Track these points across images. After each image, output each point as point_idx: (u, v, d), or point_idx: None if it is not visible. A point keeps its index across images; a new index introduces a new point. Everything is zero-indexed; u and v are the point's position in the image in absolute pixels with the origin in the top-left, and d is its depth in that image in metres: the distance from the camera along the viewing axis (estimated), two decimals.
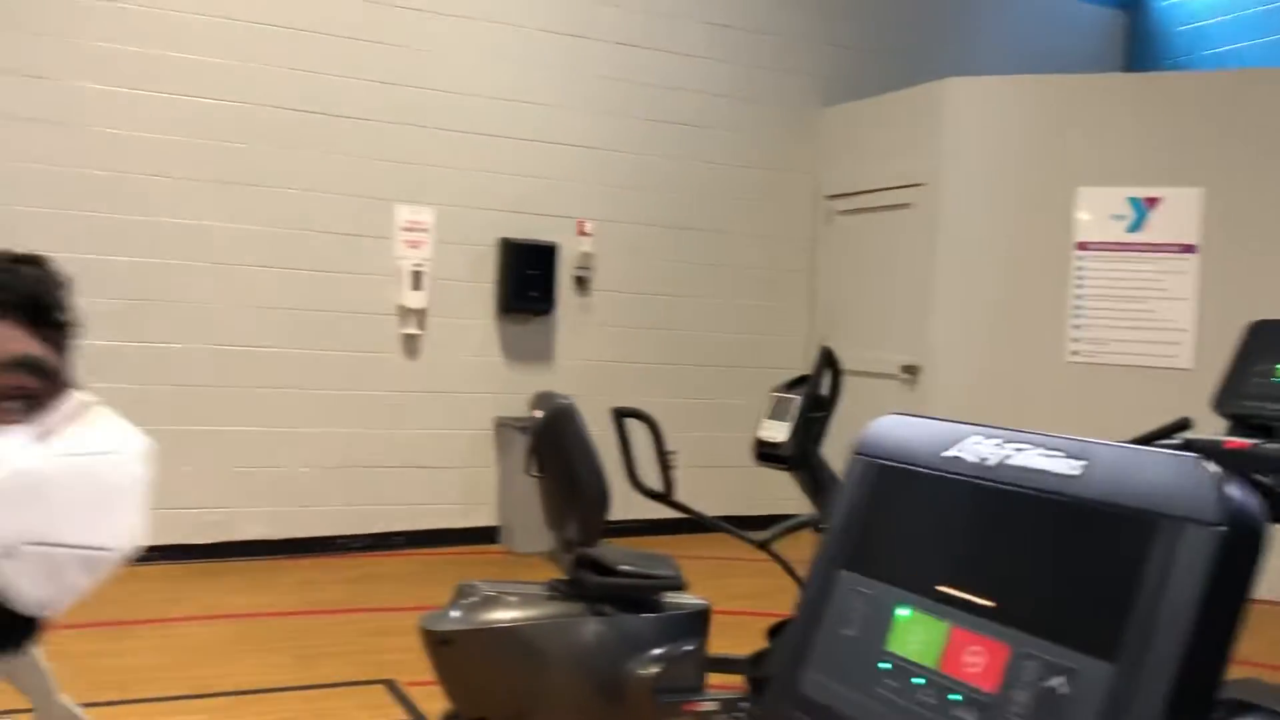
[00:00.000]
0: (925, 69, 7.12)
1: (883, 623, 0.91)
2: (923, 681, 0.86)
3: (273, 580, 5.59)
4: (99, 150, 5.63)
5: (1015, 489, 0.86)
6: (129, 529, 0.76)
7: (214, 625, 4.80)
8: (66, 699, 2.73)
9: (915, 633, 0.88)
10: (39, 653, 2.65)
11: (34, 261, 0.80)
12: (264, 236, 6.01)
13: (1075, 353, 6.43)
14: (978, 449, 0.91)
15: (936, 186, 6.65)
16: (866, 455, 1.04)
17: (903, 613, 0.90)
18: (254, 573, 5.71)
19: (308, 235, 6.12)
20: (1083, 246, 6.43)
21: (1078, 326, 6.43)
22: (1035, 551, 0.83)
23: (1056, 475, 0.84)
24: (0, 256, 0.77)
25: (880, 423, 1.06)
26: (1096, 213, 6.39)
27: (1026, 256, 6.53)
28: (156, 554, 5.73)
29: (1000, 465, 0.89)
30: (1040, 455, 0.86)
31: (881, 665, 0.90)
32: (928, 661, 0.87)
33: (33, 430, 0.73)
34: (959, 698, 0.83)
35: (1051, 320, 6.46)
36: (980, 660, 0.83)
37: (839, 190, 7.40)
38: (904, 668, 0.88)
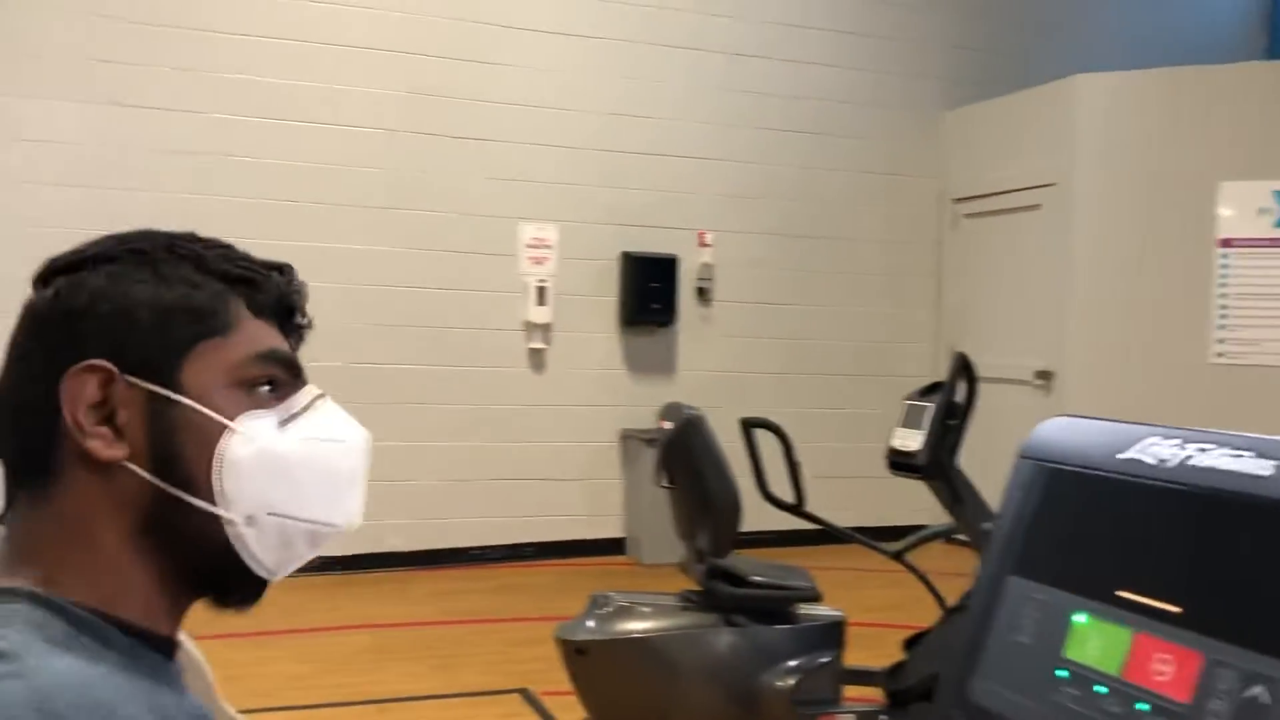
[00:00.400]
0: (1050, 67, 6.93)
1: (1059, 629, 0.89)
2: (1105, 690, 0.84)
3: (410, 591, 5.73)
4: (241, 179, 5.87)
5: (1201, 491, 0.83)
6: (350, 509, 0.86)
7: (355, 635, 4.94)
8: (226, 703, 2.84)
9: (1095, 640, 0.86)
10: (202, 656, 2.77)
11: (281, 269, 0.89)
12: (395, 257, 6.18)
13: (1220, 354, 6.16)
14: (1157, 450, 0.89)
15: (1067, 186, 6.46)
16: (1034, 459, 1.01)
17: (1080, 619, 0.88)
18: (392, 583, 5.86)
19: (437, 255, 6.27)
20: (1226, 243, 6.16)
21: (1223, 326, 6.16)
22: (1226, 555, 0.80)
23: (1246, 476, 0.81)
24: (255, 263, 0.86)
25: (1048, 425, 1.03)
26: (1241, 208, 6.12)
27: (1164, 255, 6.29)
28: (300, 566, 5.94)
29: (1182, 466, 0.86)
30: (1227, 456, 0.83)
31: (1059, 673, 0.88)
32: (1110, 669, 0.84)
33: (278, 415, 0.82)
34: (1147, 707, 0.80)
35: (1193, 321, 6.20)
36: (1169, 668, 0.80)
37: (965, 193, 7.25)
38: (1084, 675, 0.86)
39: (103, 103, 5.66)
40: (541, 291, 6.45)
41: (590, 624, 3.43)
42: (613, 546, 6.60)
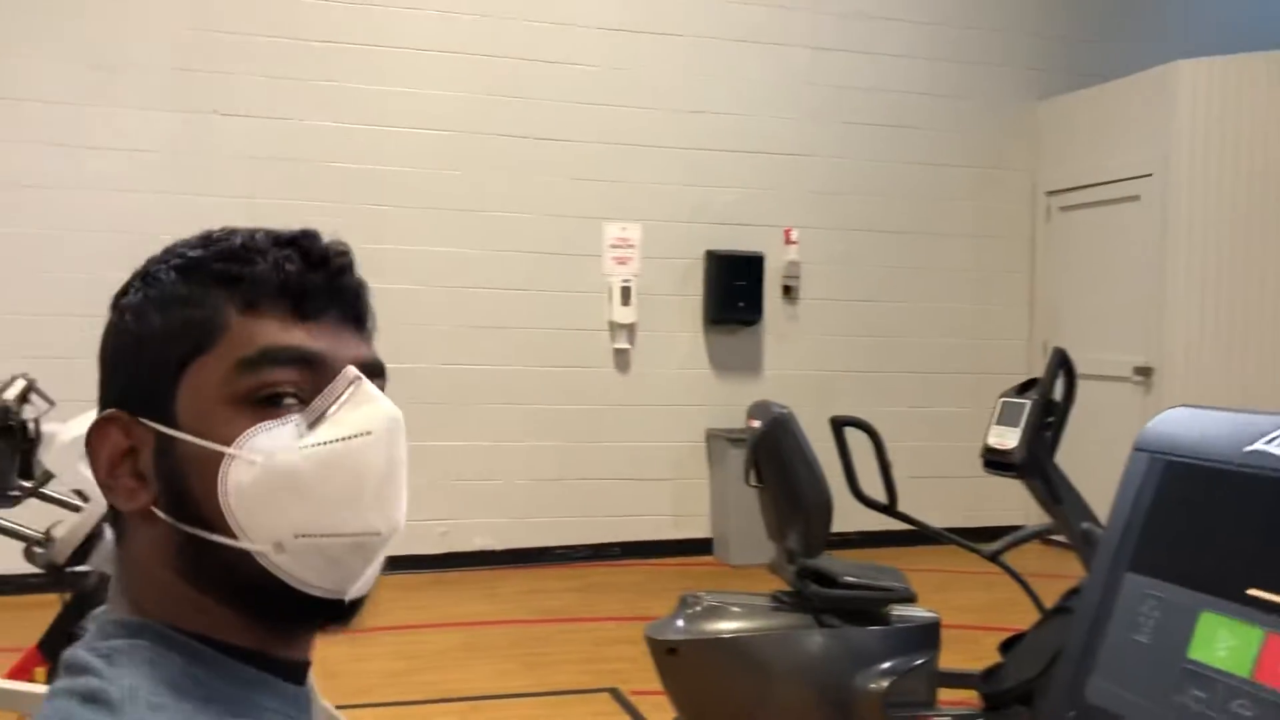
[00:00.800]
0: (1146, 55, 6.72)
1: (1182, 629, 0.85)
2: (1235, 692, 0.80)
3: (499, 589, 5.78)
4: (329, 184, 5.98)
5: None
6: (388, 510, 0.75)
7: (447, 633, 4.99)
8: (324, 702, 2.88)
9: (1223, 640, 0.82)
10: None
11: (294, 240, 0.79)
12: (480, 259, 6.25)
13: None
14: None
15: (1166, 176, 6.26)
16: (1151, 451, 0.97)
17: (1207, 618, 0.84)
18: (481, 582, 5.92)
19: (521, 256, 6.32)
20: None
21: None
22: None
23: None
24: (251, 246, 0.76)
25: (1165, 416, 0.99)
26: None
27: (1268, 245, 6.06)
28: (392, 563, 6.02)
29: None
30: None
31: (1183, 674, 0.84)
32: (1240, 670, 0.80)
33: (298, 422, 0.72)
34: None
35: None
36: None
37: (1059, 185, 7.07)
38: (1210, 677, 0.82)
39: (197, 111, 5.81)
40: (626, 291, 6.46)
41: (680, 623, 3.41)
42: (699, 547, 6.57)
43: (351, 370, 0.75)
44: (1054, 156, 7.13)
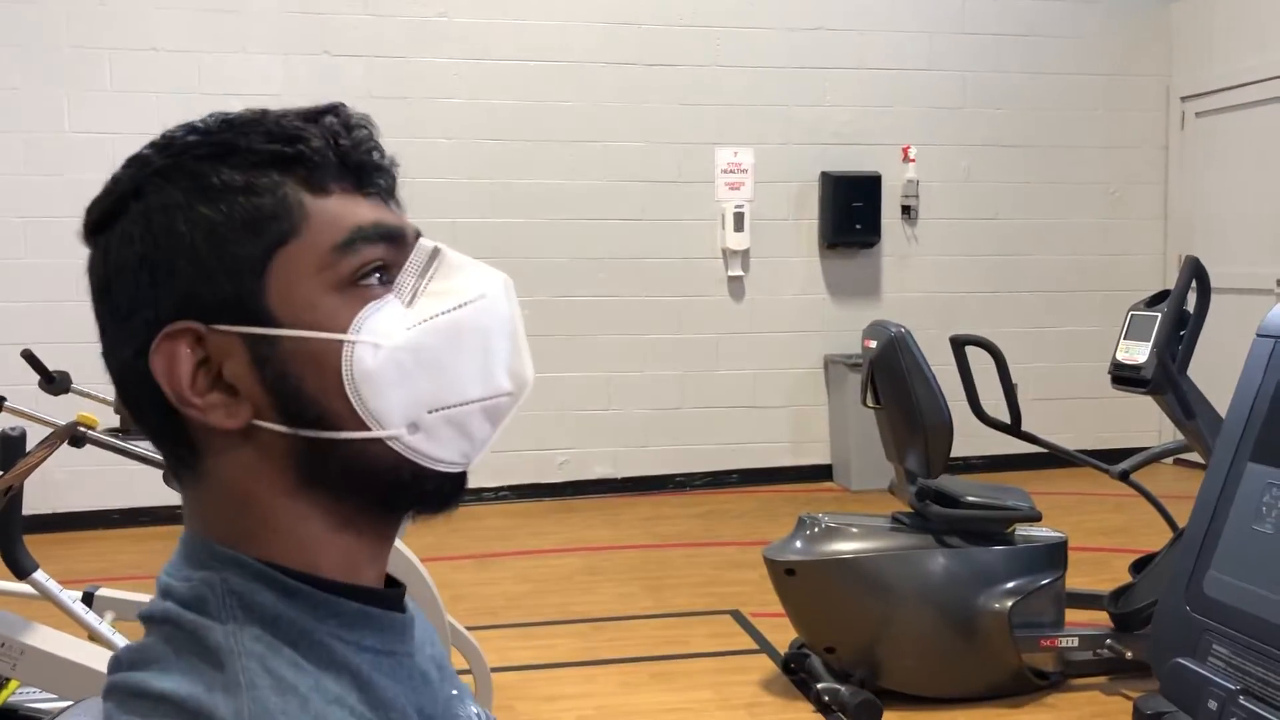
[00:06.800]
0: None
1: None
2: None
3: (620, 516, 5.86)
4: (444, 119, 6.04)
5: None
6: (516, 368, 0.73)
7: (571, 557, 5.10)
8: (450, 617, 2.99)
9: None
10: (428, 576, 2.91)
11: (334, 111, 0.74)
12: (591, 190, 6.25)
13: None
14: None
15: None
16: (1275, 336, 0.92)
17: None
18: (603, 509, 6.01)
19: (634, 185, 6.30)
20: None
21: None
22: None
23: None
24: (300, 127, 0.72)
25: None
26: None
27: None
28: (515, 493, 6.19)
29: None
30: None
31: None
32: None
33: (400, 298, 0.70)
34: None
35: None
36: None
37: (1195, 90, 6.69)
38: None
39: (309, 53, 5.91)
40: (739, 217, 6.39)
41: (798, 544, 3.41)
42: (819, 473, 6.55)
43: (428, 242, 0.73)
44: (1188, 59, 6.74)
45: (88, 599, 2.70)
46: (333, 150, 0.72)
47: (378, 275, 0.70)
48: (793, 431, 6.57)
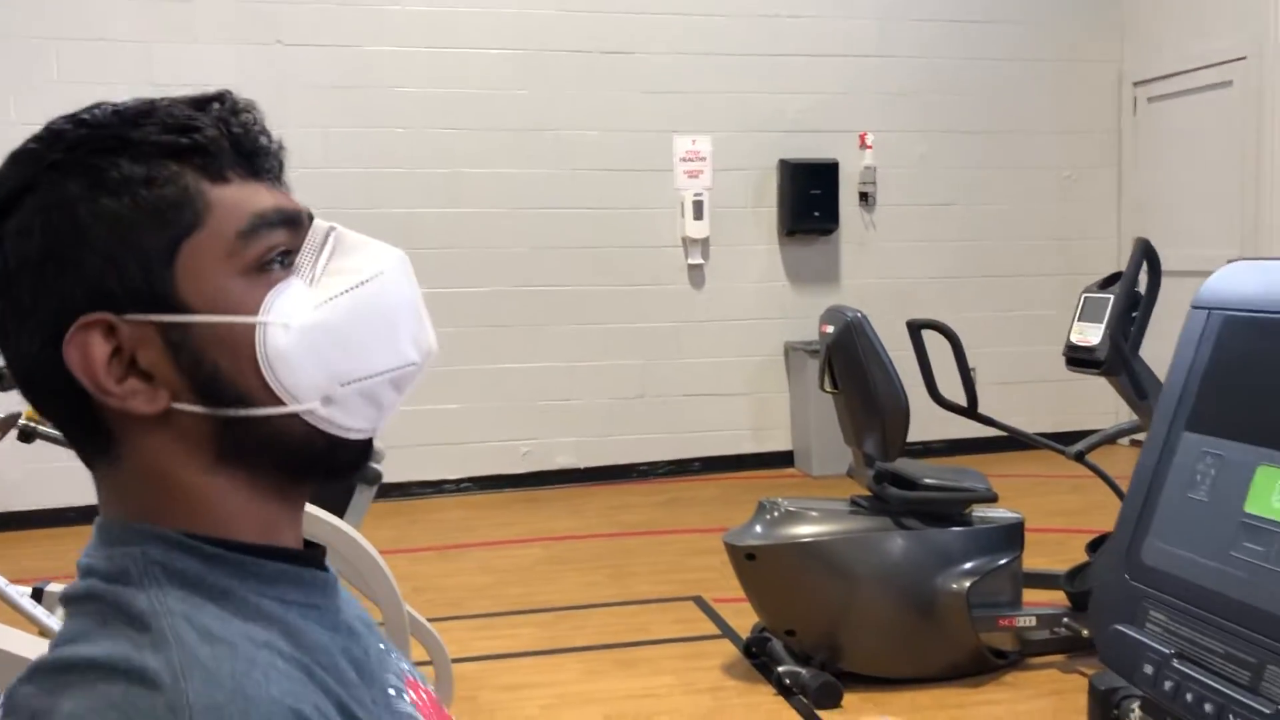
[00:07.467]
0: None
1: (1240, 484, 0.82)
2: None
3: (583, 505, 5.86)
4: (396, 109, 6.00)
5: None
6: (421, 338, 0.77)
7: (534, 547, 5.09)
8: (410, 609, 2.97)
9: None
10: (386, 567, 2.89)
11: (220, 100, 0.76)
12: (549, 178, 6.22)
13: None
14: None
15: (1262, 59, 5.94)
16: (1210, 307, 0.93)
17: (1265, 471, 0.81)
18: (566, 499, 6.01)
19: (590, 174, 6.28)
20: None
21: None
22: None
23: None
24: (191, 116, 0.73)
25: (1223, 272, 0.94)
26: None
27: None
28: (477, 484, 6.17)
29: None
30: None
31: (1239, 527, 0.81)
32: None
33: (302, 279, 0.73)
34: None
35: None
36: None
37: (1147, 75, 6.77)
38: (1267, 529, 0.79)
39: (261, 42, 5.83)
40: (698, 205, 6.39)
41: (758, 529, 3.43)
42: (781, 459, 6.57)
43: (323, 223, 0.76)
44: (1141, 44, 6.82)
45: (37, 595, 2.67)
46: (226, 138, 0.74)
47: (280, 258, 0.73)
48: (754, 418, 6.59)
